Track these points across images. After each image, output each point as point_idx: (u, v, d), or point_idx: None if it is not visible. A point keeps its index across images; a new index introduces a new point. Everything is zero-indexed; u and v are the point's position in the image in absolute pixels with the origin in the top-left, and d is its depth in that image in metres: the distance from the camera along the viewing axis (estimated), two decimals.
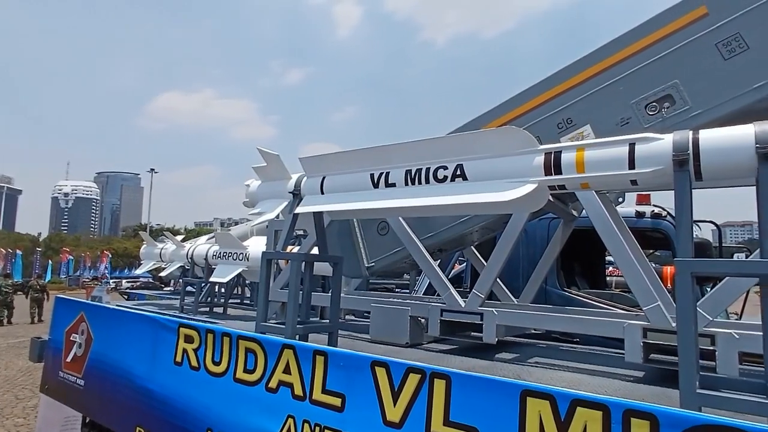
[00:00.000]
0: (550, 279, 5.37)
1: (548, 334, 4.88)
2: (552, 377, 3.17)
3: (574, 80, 3.86)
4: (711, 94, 3.36)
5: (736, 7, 3.31)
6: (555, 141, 3.83)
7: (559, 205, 4.05)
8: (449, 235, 4.28)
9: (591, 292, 5.93)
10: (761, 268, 2.05)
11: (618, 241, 3.37)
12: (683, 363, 2.09)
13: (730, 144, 2.24)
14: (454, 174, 2.90)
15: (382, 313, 4.15)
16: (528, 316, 3.65)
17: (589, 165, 2.53)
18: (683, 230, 2.29)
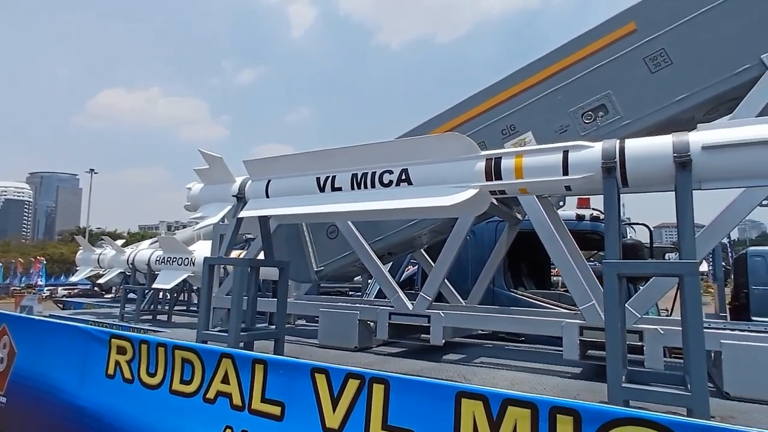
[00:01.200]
0: (498, 280, 5.53)
1: (496, 334, 5.02)
2: (495, 376, 3.26)
3: (516, 88, 4.00)
4: (640, 104, 3.59)
5: (661, 25, 3.55)
6: (499, 146, 3.95)
7: (504, 208, 4.18)
8: (398, 239, 4.32)
9: (537, 293, 6.16)
10: (679, 268, 2.20)
11: (556, 243, 3.52)
12: (610, 359, 2.21)
13: (651, 153, 2.39)
14: (399, 179, 2.92)
15: (331, 318, 4.13)
16: (473, 318, 3.74)
17: (527, 171, 2.63)
18: (611, 233, 2.42)
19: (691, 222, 2.30)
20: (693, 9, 3.44)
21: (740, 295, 11.83)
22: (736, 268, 12.17)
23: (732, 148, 2.20)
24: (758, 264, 11.15)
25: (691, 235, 2.28)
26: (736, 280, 12.13)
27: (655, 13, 3.57)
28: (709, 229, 3.13)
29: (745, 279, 11.33)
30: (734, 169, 2.24)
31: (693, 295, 2.11)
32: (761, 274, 11.05)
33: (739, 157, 2.22)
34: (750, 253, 11.69)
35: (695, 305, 2.10)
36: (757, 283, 11.06)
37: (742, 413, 2.58)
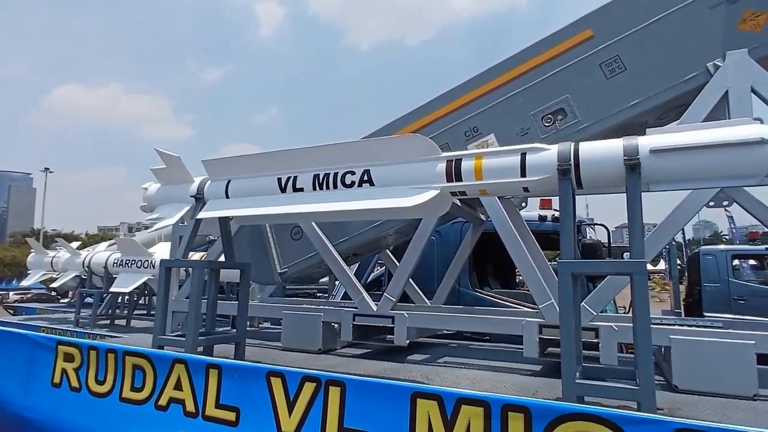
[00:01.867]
0: (463, 280, 5.60)
1: (461, 334, 5.07)
2: (457, 376, 3.29)
3: (479, 91, 4.06)
4: (596, 108, 3.70)
5: (616, 32, 3.68)
6: (463, 148, 4.00)
7: (467, 209, 4.24)
8: (363, 239, 4.31)
9: (503, 292, 6.26)
10: (629, 267, 2.28)
11: (516, 243, 3.59)
12: (564, 356, 2.27)
13: (603, 156, 2.47)
14: (361, 179, 2.92)
15: (295, 320, 4.07)
16: (436, 318, 3.77)
17: (486, 172, 2.67)
18: (566, 233, 2.48)
19: (640, 222, 2.39)
20: (644, 19, 3.58)
21: (693, 292, 12.40)
22: (690, 267, 12.77)
23: (677, 151, 2.30)
24: (709, 262, 11.72)
25: (640, 235, 2.36)
26: (689, 277, 12.72)
27: (610, 22, 3.69)
28: (660, 228, 3.27)
29: (698, 276, 11.88)
30: (679, 172, 2.34)
31: (641, 293, 2.19)
32: (712, 271, 11.62)
33: (684, 161, 2.31)
34: (702, 252, 12.28)
35: (643, 303, 2.19)
36: (708, 281, 11.62)
37: (689, 405, 2.69)
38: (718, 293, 11.26)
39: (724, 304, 11.00)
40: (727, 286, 11.27)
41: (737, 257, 11.94)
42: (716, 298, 11.17)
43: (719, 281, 11.38)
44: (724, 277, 11.39)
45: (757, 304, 10.72)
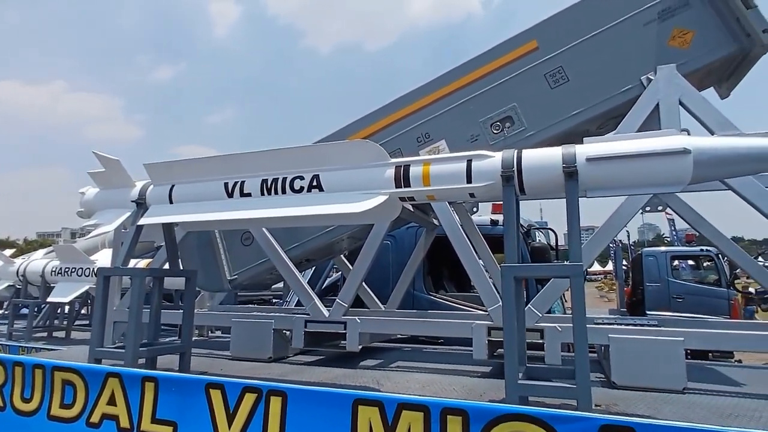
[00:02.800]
0: (417, 284, 5.66)
1: (416, 338, 5.12)
2: (408, 380, 3.31)
3: (431, 97, 4.13)
4: (542, 117, 3.84)
5: (559, 45, 3.83)
6: (415, 154, 4.06)
7: (420, 214, 4.27)
8: (316, 245, 4.27)
9: (458, 295, 6.37)
10: (566, 270, 2.38)
11: (466, 247, 3.66)
12: (507, 358, 2.33)
13: (544, 163, 2.56)
14: (310, 185, 2.89)
15: (244, 328, 3.98)
16: (389, 322, 3.78)
17: (434, 178, 2.71)
18: (509, 238, 2.55)
19: (577, 227, 2.49)
20: (584, 32, 3.75)
21: (637, 292, 13.08)
22: (634, 268, 13.45)
23: (610, 160, 2.41)
24: (651, 263, 12.40)
25: (577, 239, 2.46)
26: (633, 278, 13.40)
27: (554, 34, 3.84)
28: (599, 233, 3.43)
29: (641, 277, 12.54)
30: (612, 179, 2.45)
31: (578, 295, 2.29)
32: (654, 272, 12.29)
33: (616, 169, 2.43)
34: (644, 254, 12.98)
35: (580, 304, 2.28)
36: (650, 281, 12.28)
37: (625, 400, 2.83)
38: (659, 292, 11.93)
39: (665, 303, 11.67)
40: (667, 285, 11.96)
41: (676, 258, 12.71)
42: (657, 297, 11.84)
43: (660, 281, 12.07)
44: (665, 277, 12.08)
45: (693, 301, 11.44)
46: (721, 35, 3.48)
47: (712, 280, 11.92)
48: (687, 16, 3.56)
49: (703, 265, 12.61)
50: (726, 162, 2.35)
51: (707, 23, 3.51)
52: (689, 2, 3.56)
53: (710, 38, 3.50)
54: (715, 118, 3.22)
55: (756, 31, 3.34)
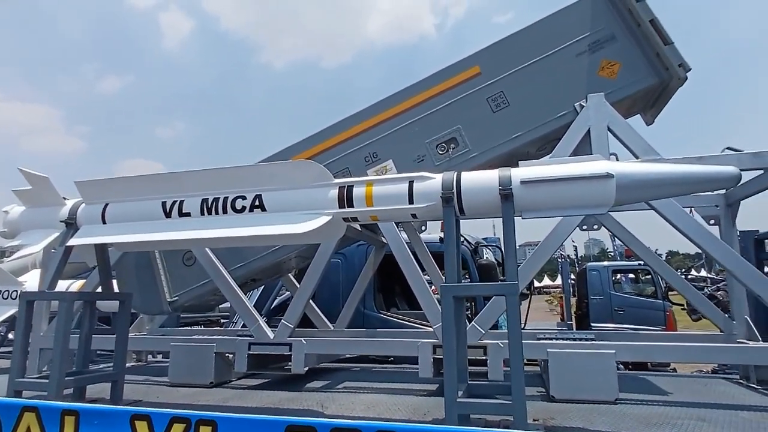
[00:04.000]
0: (368, 302, 5.65)
1: (367, 357, 5.08)
2: (354, 401, 3.28)
3: (379, 118, 4.20)
4: (484, 139, 3.99)
5: (500, 71, 4.01)
6: (363, 173, 4.09)
7: (368, 233, 4.30)
8: (263, 264, 4.18)
9: (409, 313, 6.39)
10: (503, 288, 2.46)
11: (411, 265, 3.71)
12: (447, 376, 2.36)
13: (482, 185, 2.64)
14: (252, 204, 2.85)
15: (184, 352, 3.81)
16: (335, 343, 3.75)
17: (377, 199, 2.74)
18: (449, 258, 2.61)
19: (513, 247, 2.59)
20: (523, 60, 3.96)
21: (582, 305, 13.63)
22: (579, 282, 14.04)
23: (543, 183, 2.54)
24: (594, 277, 12.98)
25: (513, 258, 2.56)
26: (579, 291, 13.98)
27: (495, 60, 4.03)
28: (537, 251, 3.57)
29: (586, 290, 13.10)
30: (545, 201, 2.57)
31: (513, 313, 2.37)
32: (597, 285, 12.86)
33: (549, 191, 2.56)
34: (589, 268, 13.58)
35: (515, 321, 2.36)
36: (594, 294, 12.84)
37: (562, 413, 2.93)
38: (602, 305, 12.48)
39: (607, 315, 12.22)
40: (609, 298, 12.53)
41: (617, 272, 13.38)
42: (601, 310, 12.38)
43: (603, 294, 12.64)
44: (607, 291, 12.67)
45: (633, 313, 12.04)
46: (644, 68, 3.76)
47: (649, 293, 12.60)
48: (614, 49, 3.84)
49: (642, 278, 13.31)
50: (645, 186, 2.52)
51: (632, 56, 3.80)
52: (616, 36, 3.84)
53: (634, 70, 3.78)
54: (639, 144, 3.46)
55: (673, 65, 3.64)
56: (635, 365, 7.78)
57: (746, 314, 3.96)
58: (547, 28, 4.00)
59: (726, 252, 3.27)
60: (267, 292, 6.29)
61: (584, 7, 3.96)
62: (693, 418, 2.81)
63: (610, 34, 3.86)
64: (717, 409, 3.00)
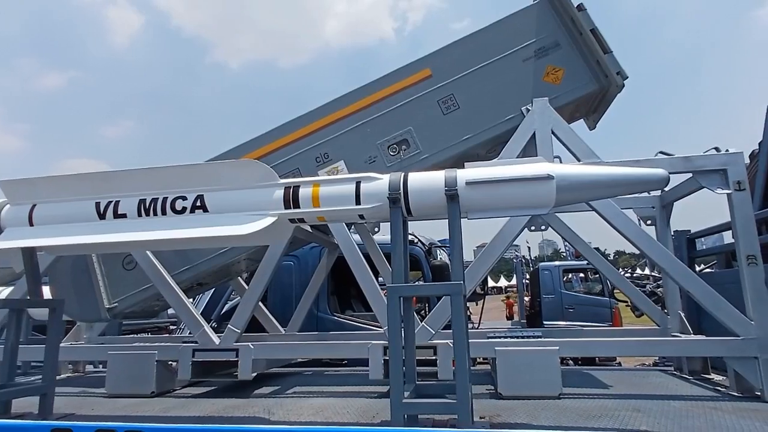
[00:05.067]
0: (321, 305, 5.57)
1: (320, 360, 5.00)
2: (302, 406, 3.22)
3: (330, 118, 4.16)
4: (435, 141, 4.03)
5: (450, 74, 4.07)
6: (314, 173, 4.04)
7: (319, 234, 4.25)
8: (210, 267, 4.04)
9: (365, 315, 6.36)
10: (448, 288, 2.48)
11: (362, 266, 3.69)
12: (392, 377, 2.35)
13: (429, 186, 2.66)
14: (194, 205, 2.74)
15: (123, 361, 3.62)
16: (284, 347, 3.67)
17: (323, 200, 2.70)
18: (396, 259, 2.61)
19: (459, 247, 2.61)
20: (473, 64, 4.03)
21: (535, 304, 14.07)
22: (532, 281, 14.50)
23: (486, 184, 2.58)
24: (546, 276, 13.41)
25: (459, 259, 2.59)
26: (532, 290, 14.43)
27: (446, 63, 4.08)
28: (485, 252, 3.64)
29: (538, 289, 13.52)
30: (490, 202, 2.62)
31: (458, 312, 2.39)
32: (549, 284, 13.30)
33: (493, 192, 2.60)
34: (541, 268, 14.04)
35: (459, 321, 2.38)
36: (546, 293, 13.27)
37: (508, 410, 2.99)
38: (553, 303, 12.92)
39: (559, 313, 12.66)
40: (560, 297, 12.98)
41: (567, 271, 13.89)
42: (552, 308, 12.82)
43: (554, 293, 13.08)
44: (558, 289, 13.13)
45: (582, 311, 12.53)
46: (585, 74, 3.92)
47: (597, 291, 13.16)
48: (558, 55, 3.98)
49: (590, 277, 13.87)
50: (583, 187, 2.61)
51: (574, 63, 3.94)
52: (560, 44, 3.98)
53: (577, 76, 3.93)
54: (581, 147, 3.59)
55: (612, 72, 3.81)
56: (584, 360, 8.11)
57: (680, 309, 4.20)
58: (496, 34, 4.09)
59: (659, 250, 3.45)
60: (218, 296, 6.10)
61: (530, 15, 4.08)
62: (629, 409, 2.94)
63: (554, 41, 4.00)
64: (651, 400, 3.16)
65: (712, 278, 4.40)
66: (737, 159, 3.25)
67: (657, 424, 2.63)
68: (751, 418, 2.65)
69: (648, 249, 3.43)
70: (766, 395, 2.95)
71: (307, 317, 5.21)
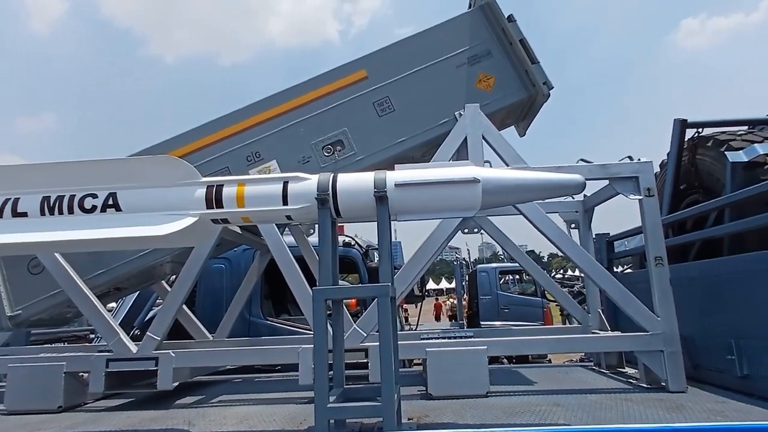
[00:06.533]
0: (254, 309, 5.39)
1: (251, 367, 4.82)
2: (226, 415, 3.08)
3: (263, 116, 4.03)
4: (370, 143, 4.02)
5: (386, 76, 4.08)
6: (244, 172, 3.90)
7: (249, 236, 4.10)
8: (128, 271, 3.78)
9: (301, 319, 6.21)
10: (375, 290, 2.46)
11: (292, 269, 3.60)
12: (317, 382, 2.30)
13: (358, 188, 2.63)
14: (105, 204, 2.55)
15: (25, 375, 3.28)
16: (209, 354, 3.49)
17: (249, 200, 2.60)
18: (324, 260, 2.56)
19: (388, 250, 2.61)
20: (409, 67, 4.07)
21: (473, 305, 14.48)
22: (470, 283, 14.93)
23: (415, 186, 2.59)
24: (483, 278, 13.85)
25: (387, 260, 2.58)
26: (470, 292, 14.85)
27: (381, 66, 4.09)
28: (416, 254, 3.67)
29: (476, 291, 13.93)
30: (418, 204, 2.63)
31: (384, 314, 2.38)
32: (486, 286, 13.74)
33: (422, 194, 2.62)
34: (478, 270, 14.48)
35: (386, 323, 2.37)
36: (483, 294, 13.70)
37: (436, 410, 3.02)
38: (490, 304, 13.36)
39: (495, 314, 13.12)
40: (496, 298, 13.45)
41: (503, 273, 14.42)
42: (489, 309, 13.26)
43: (491, 294, 13.54)
44: (494, 290, 13.60)
45: (517, 311, 13.05)
46: (515, 83, 4.07)
47: (530, 292, 13.76)
48: (490, 63, 4.10)
49: (525, 278, 14.50)
50: (507, 191, 2.69)
51: (505, 72, 4.09)
52: (491, 52, 4.11)
53: (507, 84, 4.07)
54: (509, 153, 3.72)
55: (539, 82, 3.98)
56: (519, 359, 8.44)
57: (599, 308, 4.46)
58: (431, 39, 4.16)
59: (579, 252, 3.64)
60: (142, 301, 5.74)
61: (465, 23, 4.19)
62: (550, 404, 3.06)
63: (486, 49, 4.12)
64: (571, 395, 3.31)
65: (627, 278, 4.72)
66: (647, 168, 3.50)
67: (573, 417, 2.76)
68: (656, 408, 2.85)
69: (569, 251, 3.61)
70: (670, 386, 3.18)
71: (239, 322, 5.02)
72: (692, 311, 3.42)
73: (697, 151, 4.56)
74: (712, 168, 4.35)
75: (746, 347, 2.99)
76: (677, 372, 3.18)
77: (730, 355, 3.06)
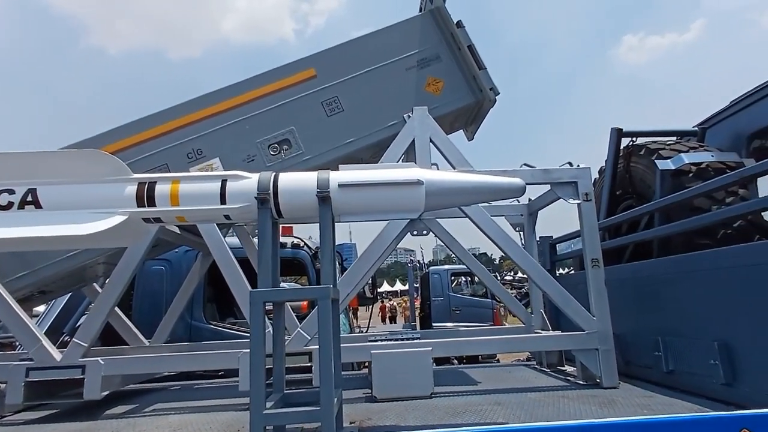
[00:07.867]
0: (196, 313, 5.18)
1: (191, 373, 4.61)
2: (159, 425, 2.92)
3: (205, 112, 3.88)
4: (318, 142, 3.96)
5: (336, 75, 4.04)
6: (185, 170, 3.73)
7: (190, 236, 3.93)
8: (55, 272, 3.52)
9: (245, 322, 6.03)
10: (315, 292, 2.41)
11: (233, 269, 3.48)
12: (252, 387, 2.22)
13: (300, 187, 2.57)
14: (23, 200, 2.35)
15: None
16: (142, 360, 3.30)
17: (183, 198, 2.48)
18: (263, 262, 2.48)
19: (331, 251, 2.56)
20: (357, 68, 4.05)
21: (425, 306, 14.64)
22: (423, 284, 15.10)
23: (358, 187, 2.56)
24: (436, 280, 14.04)
25: (329, 262, 2.53)
26: (422, 293, 15.02)
27: (330, 65, 4.04)
28: (363, 256, 3.65)
29: (428, 292, 14.09)
30: (362, 205, 2.61)
31: (325, 317, 2.33)
32: (438, 287, 13.93)
33: (365, 195, 2.59)
34: (431, 272, 14.66)
35: (326, 326, 2.32)
36: (435, 295, 13.88)
37: (379, 413, 2.99)
38: (442, 306, 13.56)
39: (447, 315, 13.33)
40: (448, 299, 13.67)
41: (454, 275, 14.68)
42: (441, 310, 13.45)
43: (443, 295, 13.74)
44: (446, 292, 13.81)
45: (468, 312, 13.32)
46: (463, 88, 4.14)
47: (481, 293, 14.09)
48: (439, 67, 4.15)
49: (476, 280, 14.85)
50: (450, 193, 2.71)
51: (453, 76, 4.15)
52: (440, 56, 4.16)
53: (455, 89, 4.14)
54: (456, 156, 3.77)
55: (485, 87, 4.07)
56: (469, 359, 8.58)
57: (542, 308, 4.61)
58: (381, 40, 4.16)
59: (521, 254, 3.74)
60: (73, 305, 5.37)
61: (415, 26, 4.22)
62: (492, 403, 3.12)
63: (435, 53, 4.17)
64: (512, 393, 3.39)
65: (568, 279, 4.91)
66: (585, 173, 3.65)
67: (513, 415, 2.82)
68: (590, 404, 2.96)
69: (512, 253, 3.70)
70: (603, 382, 3.32)
71: (180, 326, 4.82)
72: (624, 310, 3.59)
73: (631, 159, 4.81)
74: (644, 175, 4.61)
75: (671, 344, 3.17)
76: (610, 369, 3.33)
77: (657, 352, 3.23)
